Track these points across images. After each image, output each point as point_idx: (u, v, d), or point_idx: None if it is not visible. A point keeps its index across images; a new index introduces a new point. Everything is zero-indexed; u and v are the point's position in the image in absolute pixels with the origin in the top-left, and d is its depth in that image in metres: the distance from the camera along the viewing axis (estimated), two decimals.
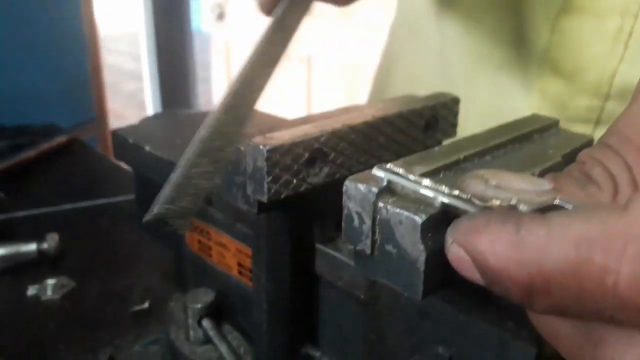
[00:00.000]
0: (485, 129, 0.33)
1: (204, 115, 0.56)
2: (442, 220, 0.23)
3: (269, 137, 0.30)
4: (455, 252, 0.20)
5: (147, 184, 0.50)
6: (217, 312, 0.42)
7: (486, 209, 0.21)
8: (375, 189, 0.24)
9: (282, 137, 0.30)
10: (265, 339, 0.38)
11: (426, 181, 0.23)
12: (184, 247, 0.46)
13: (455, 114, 0.40)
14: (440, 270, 0.23)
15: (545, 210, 0.20)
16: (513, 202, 0.21)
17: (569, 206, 0.20)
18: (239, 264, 0.40)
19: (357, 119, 0.33)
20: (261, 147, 0.29)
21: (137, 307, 0.58)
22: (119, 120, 1.22)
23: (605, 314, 0.17)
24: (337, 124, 0.32)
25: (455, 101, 0.40)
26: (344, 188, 0.25)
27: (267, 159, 0.29)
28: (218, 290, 0.43)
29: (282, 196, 0.30)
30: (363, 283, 0.33)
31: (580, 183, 0.22)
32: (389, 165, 0.24)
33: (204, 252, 0.44)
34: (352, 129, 0.33)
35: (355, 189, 0.24)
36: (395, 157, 0.36)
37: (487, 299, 0.28)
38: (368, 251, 0.24)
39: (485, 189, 0.22)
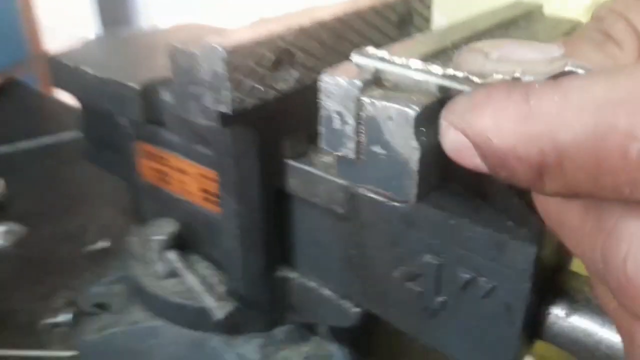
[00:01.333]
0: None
1: (148, 35, 0.51)
2: (437, 111, 0.20)
3: (226, 37, 0.26)
4: (452, 138, 0.18)
5: (94, 114, 0.46)
6: (182, 243, 0.39)
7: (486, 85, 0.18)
8: (358, 82, 0.20)
9: (242, 36, 0.26)
10: (239, 265, 0.35)
11: (416, 63, 0.20)
12: (138, 177, 0.42)
13: (428, 7, 0.37)
14: (436, 168, 0.21)
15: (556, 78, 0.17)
16: (517, 74, 0.18)
17: (582, 72, 0.17)
18: (204, 190, 0.37)
19: (326, 15, 0.29)
20: (219, 47, 0.25)
21: (94, 246, 0.54)
22: None
23: (624, 191, 0.15)
24: (305, 20, 0.28)
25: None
26: (320, 84, 0.21)
27: (227, 63, 0.25)
28: (181, 220, 0.40)
29: (247, 106, 0.27)
30: (342, 197, 0.31)
31: (598, 43, 0.19)
32: (370, 50, 0.21)
33: (161, 180, 0.40)
34: (322, 25, 0.29)
35: (335, 84, 0.21)
36: None
37: (480, 200, 0.26)
38: (352, 155, 0.22)
39: (485, 63, 0.19)
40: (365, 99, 0.20)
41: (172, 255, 0.38)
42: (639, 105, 0.14)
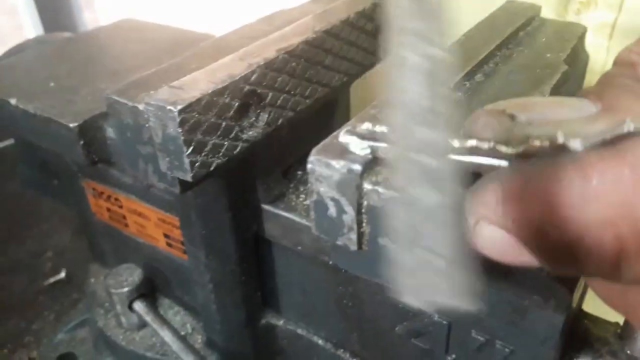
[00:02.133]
0: (462, 32, 0.25)
1: (84, 39, 0.44)
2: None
3: (177, 89, 0.20)
4: (488, 235, 0.14)
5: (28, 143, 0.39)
6: (149, 287, 0.35)
7: (520, 157, 0.14)
8: (357, 167, 0.16)
9: (196, 84, 0.21)
10: (216, 318, 0.31)
11: None
12: (91, 215, 0.36)
13: None
14: None
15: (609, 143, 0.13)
16: (560, 139, 0.14)
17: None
18: (166, 235, 0.32)
19: (292, 38, 0.24)
20: (169, 107, 0.19)
21: (52, 279, 0.49)
22: None
23: None
24: (268, 51, 0.23)
25: None
26: (309, 166, 0.17)
27: (182, 123, 0.20)
28: (145, 263, 0.35)
29: (212, 168, 0.22)
30: (330, 246, 0.27)
31: (637, 93, 0.15)
32: (362, 127, 0.16)
33: (117, 221, 0.35)
34: (291, 54, 0.24)
35: (327, 168, 0.16)
36: (347, 79, 0.28)
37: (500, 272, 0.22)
38: (354, 247, 0.17)
39: (512, 127, 0.15)
40: (368, 186, 0.16)
41: (140, 307, 0.34)
42: None
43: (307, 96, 0.25)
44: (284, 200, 0.28)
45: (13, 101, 0.32)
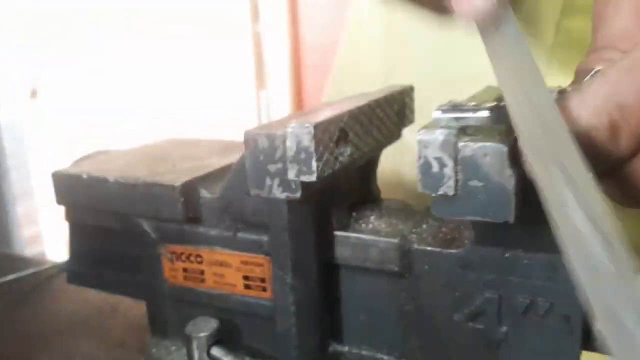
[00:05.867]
0: None
1: (142, 149, 0.52)
2: (516, 146, 0.25)
3: (304, 119, 0.30)
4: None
5: (90, 230, 0.45)
6: (225, 336, 0.39)
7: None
8: (454, 131, 0.26)
9: (315, 117, 0.30)
10: (295, 345, 0.36)
11: (484, 111, 0.26)
12: (162, 283, 0.42)
13: (413, 101, 0.44)
14: (521, 192, 0.26)
15: None
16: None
17: None
18: (245, 277, 0.38)
19: (362, 103, 0.35)
20: (307, 125, 0.29)
21: None
22: None
23: None
24: (349, 106, 0.34)
25: (412, 89, 0.44)
26: (418, 137, 0.26)
27: (315, 136, 0.29)
28: (217, 317, 0.40)
29: (324, 174, 0.30)
30: (395, 255, 0.34)
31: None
32: (447, 105, 0.27)
33: (192, 280, 0.40)
34: (361, 111, 0.34)
35: (433, 136, 0.26)
36: (385, 139, 0.39)
37: (538, 226, 0.31)
38: (451, 192, 0.26)
39: None
40: (462, 143, 0.25)
41: (219, 352, 0.38)
42: None
43: (367, 143, 0.35)
44: (351, 228, 0.36)
45: (111, 179, 0.40)
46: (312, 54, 1.91)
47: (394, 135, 0.41)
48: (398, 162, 0.50)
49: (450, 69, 0.54)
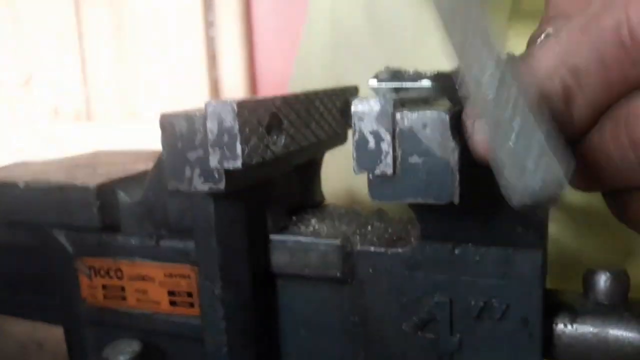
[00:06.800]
0: None
1: (64, 160, 0.47)
2: (459, 115, 0.23)
3: (226, 99, 0.27)
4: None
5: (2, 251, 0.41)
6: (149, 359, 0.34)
7: None
8: (390, 101, 0.23)
9: (241, 99, 0.27)
10: None
11: (426, 80, 0.23)
12: (80, 303, 0.37)
13: None
14: (467, 169, 0.23)
15: None
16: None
17: None
18: (171, 293, 0.34)
19: (298, 93, 0.32)
20: (229, 102, 0.25)
21: None
22: None
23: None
24: (284, 94, 0.31)
25: (357, 89, 0.41)
26: (353, 109, 0.23)
27: (239, 115, 0.26)
28: (140, 339, 0.35)
29: (252, 162, 0.27)
30: (336, 258, 0.31)
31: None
32: (384, 73, 0.24)
33: (112, 299, 0.36)
34: (297, 99, 0.31)
35: (369, 106, 0.23)
36: (327, 137, 0.36)
37: (484, 217, 0.28)
38: (390, 171, 0.23)
39: None
40: (399, 114, 0.23)
41: None
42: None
43: (305, 136, 0.32)
44: (289, 230, 0.33)
45: (22, 184, 0.35)
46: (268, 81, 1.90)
47: (338, 135, 0.38)
48: (348, 176, 0.47)
49: None
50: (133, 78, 1.91)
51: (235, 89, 1.90)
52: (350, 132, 0.39)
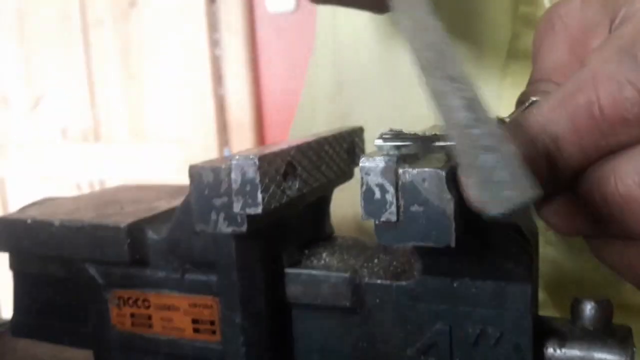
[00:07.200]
0: None
1: (95, 194, 0.51)
2: (455, 171, 0.26)
3: (250, 152, 0.30)
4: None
5: (34, 279, 0.44)
6: None
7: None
8: (394, 157, 0.26)
9: (262, 151, 0.31)
10: None
11: (426, 138, 0.27)
12: (109, 330, 0.40)
13: (363, 141, 0.45)
14: (462, 216, 0.26)
15: None
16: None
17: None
18: (194, 321, 0.37)
19: (310, 140, 0.35)
20: (252, 156, 0.29)
21: None
22: None
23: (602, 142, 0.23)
24: (297, 142, 0.34)
25: (362, 130, 0.45)
26: (362, 165, 0.27)
27: (259, 168, 0.29)
28: None
29: (270, 207, 0.30)
30: (346, 289, 0.34)
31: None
32: (387, 134, 0.27)
33: (139, 325, 0.39)
34: (309, 147, 0.35)
35: (375, 163, 0.26)
36: (335, 177, 0.39)
37: (484, 247, 0.31)
38: (394, 218, 0.26)
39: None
40: (401, 170, 0.26)
41: None
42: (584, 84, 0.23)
43: (317, 179, 0.36)
44: (302, 264, 0.36)
45: (57, 222, 0.39)
46: (274, 112, 1.94)
47: (345, 173, 0.41)
48: (355, 203, 0.50)
49: (406, 110, 0.56)
50: (139, 99, 1.96)
51: (240, 106, 1.94)
52: (356, 169, 0.43)
